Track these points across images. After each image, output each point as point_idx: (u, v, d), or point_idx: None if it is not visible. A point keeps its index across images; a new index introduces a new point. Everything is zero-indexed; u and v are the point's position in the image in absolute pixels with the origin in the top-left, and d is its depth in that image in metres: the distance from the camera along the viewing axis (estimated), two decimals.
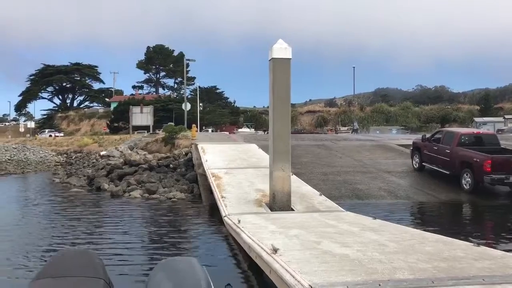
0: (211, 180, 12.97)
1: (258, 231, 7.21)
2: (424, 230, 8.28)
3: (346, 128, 59.31)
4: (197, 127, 34.60)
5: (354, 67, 70.35)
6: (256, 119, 66.52)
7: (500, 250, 6.11)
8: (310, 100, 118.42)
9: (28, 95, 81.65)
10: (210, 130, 52.49)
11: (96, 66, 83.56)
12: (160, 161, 20.43)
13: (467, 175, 15.43)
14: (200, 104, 53.35)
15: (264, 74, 10.77)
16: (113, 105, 68.84)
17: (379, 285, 4.04)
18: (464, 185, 15.51)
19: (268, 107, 11.48)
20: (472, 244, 5.88)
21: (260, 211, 9.99)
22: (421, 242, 6.30)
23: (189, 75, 70.35)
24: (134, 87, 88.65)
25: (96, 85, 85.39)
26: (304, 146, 22.60)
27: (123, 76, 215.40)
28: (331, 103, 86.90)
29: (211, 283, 2.65)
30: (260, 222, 8.37)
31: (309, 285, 3.99)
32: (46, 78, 78.45)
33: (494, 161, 14.57)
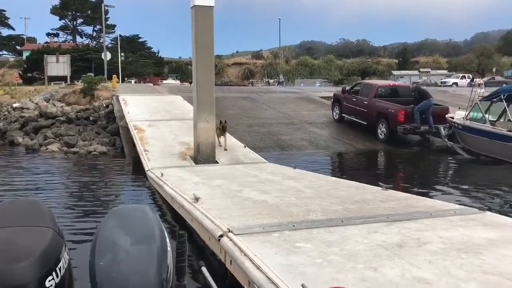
0: (134, 133, 12.68)
1: (181, 183, 7.25)
2: (341, 177, 8.77)
3: (272, 80, 59.85)
4: (118, 78, 33.23)
5: (279, 19, 70.34)
6: (182, 71, 64.93)
7: (406, 192, 6.63)
8: (237, 52, 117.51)
9: None
10: (133, 81, 50.58)
11: (4, 11, 75.97)
12: (79, 114, 19.53)
13: (382, 125, 16.38)
14: (122, 53, 50.92)
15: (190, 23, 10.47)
16: (25, 54, 63.62)
17: (293, 225, 4.28)
18: (380, 135, 16.48)
19: (192, 58, 11.26)
20: (381, 188, 6.32)
21: (184, 164, 9.99)
22: (336, 187, 6.68)
23: (108, 22, 66.40)
24: (48, 34, 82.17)
25: (5, 32, 78.07)
26: (230, 98, 22.62)
27: (35, 23, 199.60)
28: (257, 55, 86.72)
29: (165, 231, 2.65)
30: (183, 175, 8.39)
31: (227, 229, 4.14)
32: None
33: (407, 112, 15.54)
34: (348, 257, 3.46)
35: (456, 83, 48.18)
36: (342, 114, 18.75)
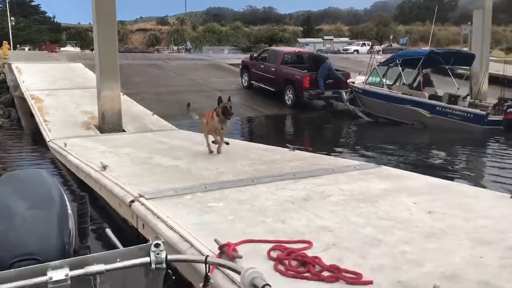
0: (31, 103, 11.82)
1: (86, 152, 6.97)
2: (250, 141, 8.99)
3: (181, 47, 58.55)
4: (9, 44, 30.44)
5: None
6: (82, 37, 60.99)
7: (311, 152, 6.98)
8: (141, 17, 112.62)
9: None
10: (26, 48, 46.60)
11: None
12: None
13: (289, 91, 16.88)
14: (12, 18, 46.52)
15: None
16: None
17: (205, 187, 4.36)
18: (287, 101, 17.00)
19: (92, 24, 10.64)
20: (288, 149, 6.60)
21: (89, 133, 9.58)
22: (246, 151, 6.83)
23: None
24: None
25: None
26: (135, 66, 21.79)
27: None
28: (163, 21, 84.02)
29: (64, 194, 2.52)
30: (88, 144, 8.06)
31: (138, 194, 4.10)
32: None
33: (312, 78, 16.14)
34: (258, 213, 3.62)
35: (357, 50, 50.63)
36: (251, 81, 18.97)
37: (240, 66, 20.39)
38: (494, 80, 16.95)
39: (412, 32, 71.89)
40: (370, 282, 2.45)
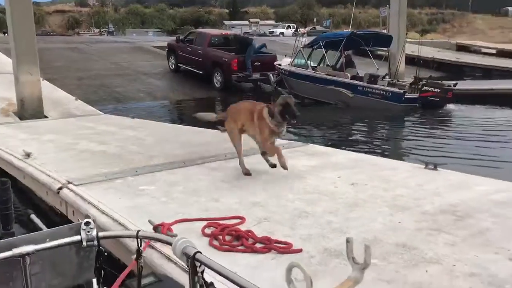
0: None
1: (6, 140, 6.61)
2: (181, 125, 8.94)
3: (102, 30, 56.10)
4: None
5: None
6: None
7: None
8: None
9: None
10: None
11: None
12: None
13: (218, 74, 16.82)
14: None
15: None
16: None
17: (136, 171, 4.34)
18: (216, 84, 16.93)
19: (4, 4, 9.94)
20: (219, 131, 6.65)
21: (7, 121, 9.06)
22: (177, 134, 6.83)
23: None
24: None
25: None
26: (55, 50, 20.64)
27: None
28: (82, 2, 79.76)
29: None
30: (7, 132, 7.64)
31: (66, 180, 4.00)
32: None
33: (240, 61, 16.20)
34: (192, 193, 3.68)
35: (282, 33, 51.21)
36: (178, 64, 18.67)
37: (166, 49, 19.96)
38: (410, 60, 17.99)
39: (335, 15, 73.91)
40: (300, 251, 2.62)
